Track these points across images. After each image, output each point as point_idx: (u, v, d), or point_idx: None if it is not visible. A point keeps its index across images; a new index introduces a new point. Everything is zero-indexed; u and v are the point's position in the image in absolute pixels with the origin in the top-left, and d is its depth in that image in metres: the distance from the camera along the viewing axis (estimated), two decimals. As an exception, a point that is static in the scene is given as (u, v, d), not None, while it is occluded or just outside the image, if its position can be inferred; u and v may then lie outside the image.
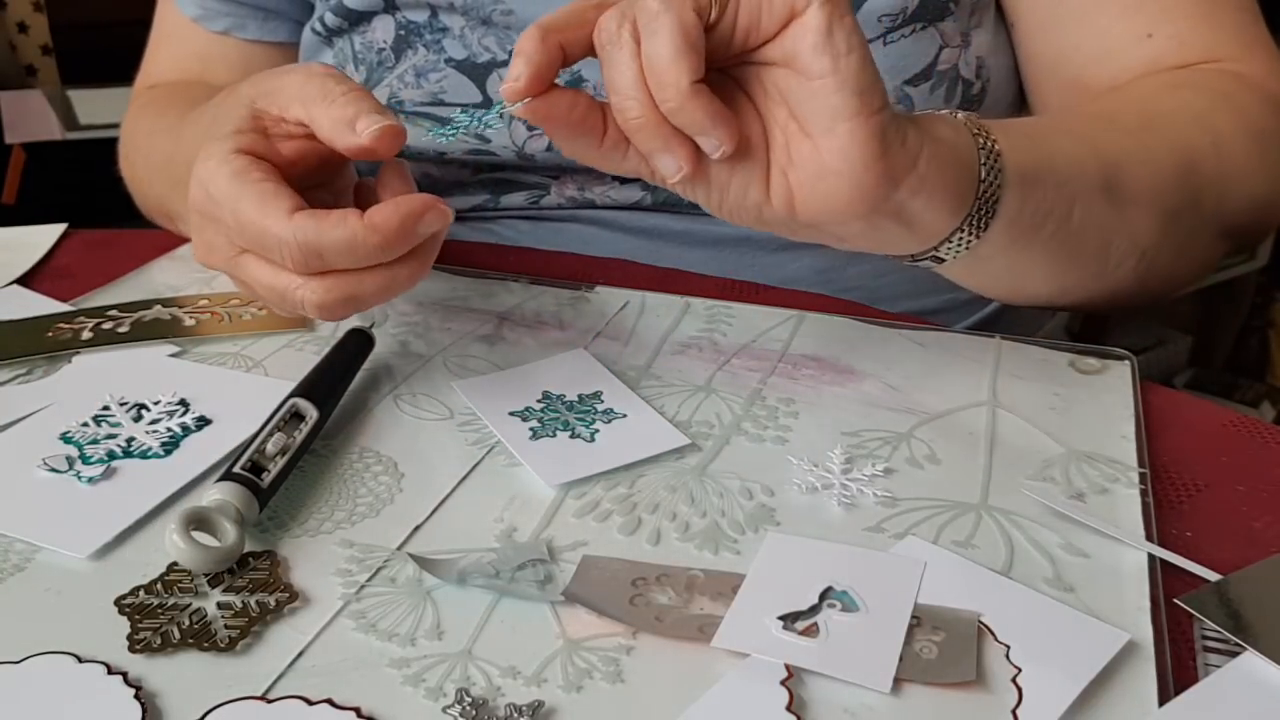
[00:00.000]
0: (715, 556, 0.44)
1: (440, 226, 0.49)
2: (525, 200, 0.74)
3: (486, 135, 0.70)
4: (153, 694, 0.37)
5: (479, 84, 0.70)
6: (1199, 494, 0.48)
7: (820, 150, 0.44)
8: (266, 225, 0.47)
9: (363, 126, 0.49)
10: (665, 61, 0.42)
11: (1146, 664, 0.38)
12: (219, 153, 0.50)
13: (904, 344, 0.60)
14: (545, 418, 0.52)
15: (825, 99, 0.43)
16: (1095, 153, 0.56)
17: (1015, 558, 0.44)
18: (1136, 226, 0.58)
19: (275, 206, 0.47)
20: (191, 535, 0.41)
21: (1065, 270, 0.58)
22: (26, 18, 2.03)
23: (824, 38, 0.43)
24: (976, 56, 0.68)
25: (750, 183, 0.46)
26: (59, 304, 0.64)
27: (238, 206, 0.48)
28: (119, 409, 0.52)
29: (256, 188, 0.48)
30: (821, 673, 0.38)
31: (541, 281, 0.67)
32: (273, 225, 0.47)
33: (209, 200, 0.49)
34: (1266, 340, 1.99)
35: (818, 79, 0.43)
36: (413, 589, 0.42)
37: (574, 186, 0.73)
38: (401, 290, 0.50)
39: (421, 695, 0.37)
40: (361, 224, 0.47)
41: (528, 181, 0.74)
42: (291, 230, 0.47)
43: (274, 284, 0.49)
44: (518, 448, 0.50)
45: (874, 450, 0.51)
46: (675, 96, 0.43)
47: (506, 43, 0.69)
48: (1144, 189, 0.57)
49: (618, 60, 0.44)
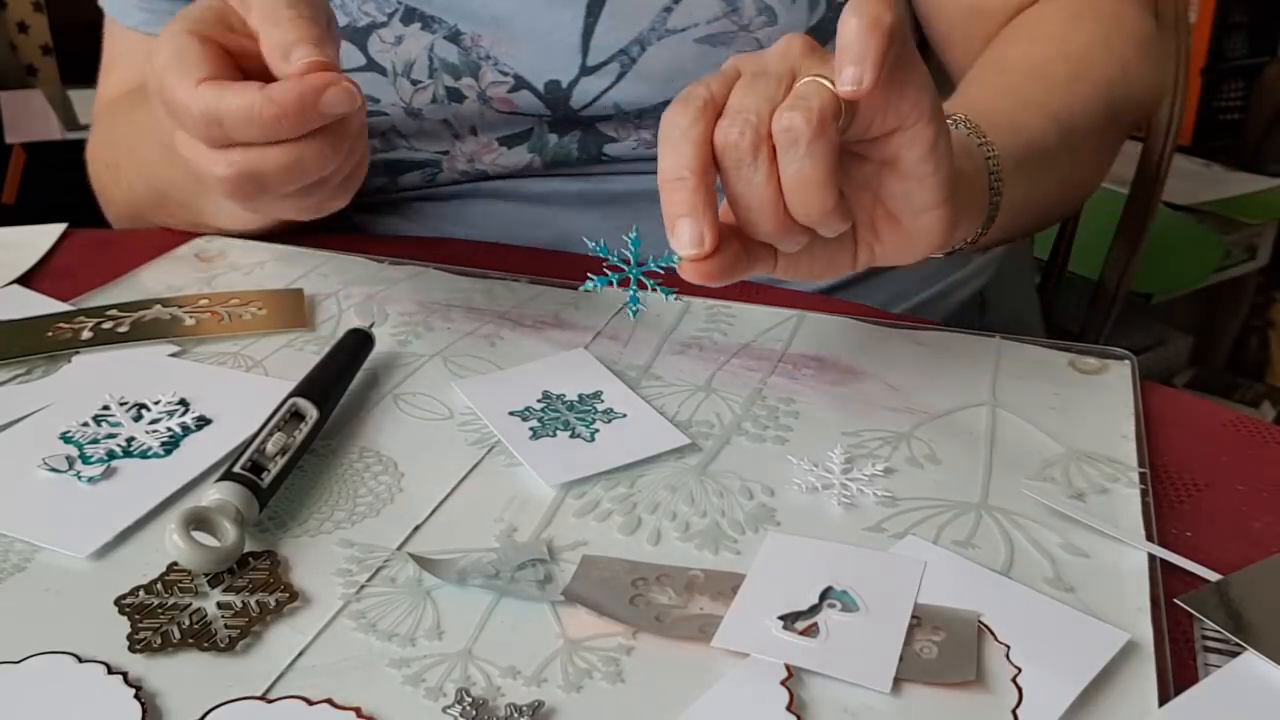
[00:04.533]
0: (715, 556, 0.44)
1: (345, 108, 0.49)
2: (421, 179, 0.75)
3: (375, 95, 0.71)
4: (153, 694, 0.37)
5: (360, 47, 0.71)
6: (1199, 494, 0.48)
7: (906, 229, 0.48)
8: (176, 93, 0.48)
9: (296, 56, 0.49)
10: (815, 186, 0.43)
11: (1146, 664, 0.38)
12: (171, 30, 0.51)
13: (904, 344, 0.60)
14: (545, 417, 0.52)
15: (920, 195, 0.47)
16: (1052, 118, 0.62)
17: (1015, 558, 0.44)
18: (1085, 163, 0.68)
19: (186, 75, 0.48)
20: (191, 535, 0.41)
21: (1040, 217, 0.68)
22: (26, 18, 2.03)
23: (931, 149, 0.45)
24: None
25: (839, 257, 0.50)
26: (59, 304, 0.64)
27: (164, 77, 0.49)
28: (119, 409, 0.52)
29: (184, 59, 0.49)
30: (821, 673, 0.38)
31: (541, 281, 0.67)
32: (180, 92, 0.48)
33: (151, 74, 0.50)
34: (1266, 340, 1.99)
35: (917, 181, 0.46)
36: (413, 589, 0.42)
37: (464, 159, 0.74)
38: (310, 173, 0.50)
39: (421, 695, 0.37)
40: (260, 95, 0.47)
41: (419, 159, 0.75)
42: (194, 97, 0.48)
43: (190, 157, 0.50)
44: (518, 447, 0.50)
45: (874, 450, 0.51)
46: (819, 213, 0.44)
47: (385, 6, 0.70)
48: (1090, 133, 0.66)
49: (751, 180, 0.44)
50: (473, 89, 0.70)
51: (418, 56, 0.70)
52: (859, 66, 0.42)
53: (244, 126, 0.48)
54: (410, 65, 0.70)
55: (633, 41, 0.68)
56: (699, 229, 0.43)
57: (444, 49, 0.69)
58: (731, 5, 0.68)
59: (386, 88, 0.71)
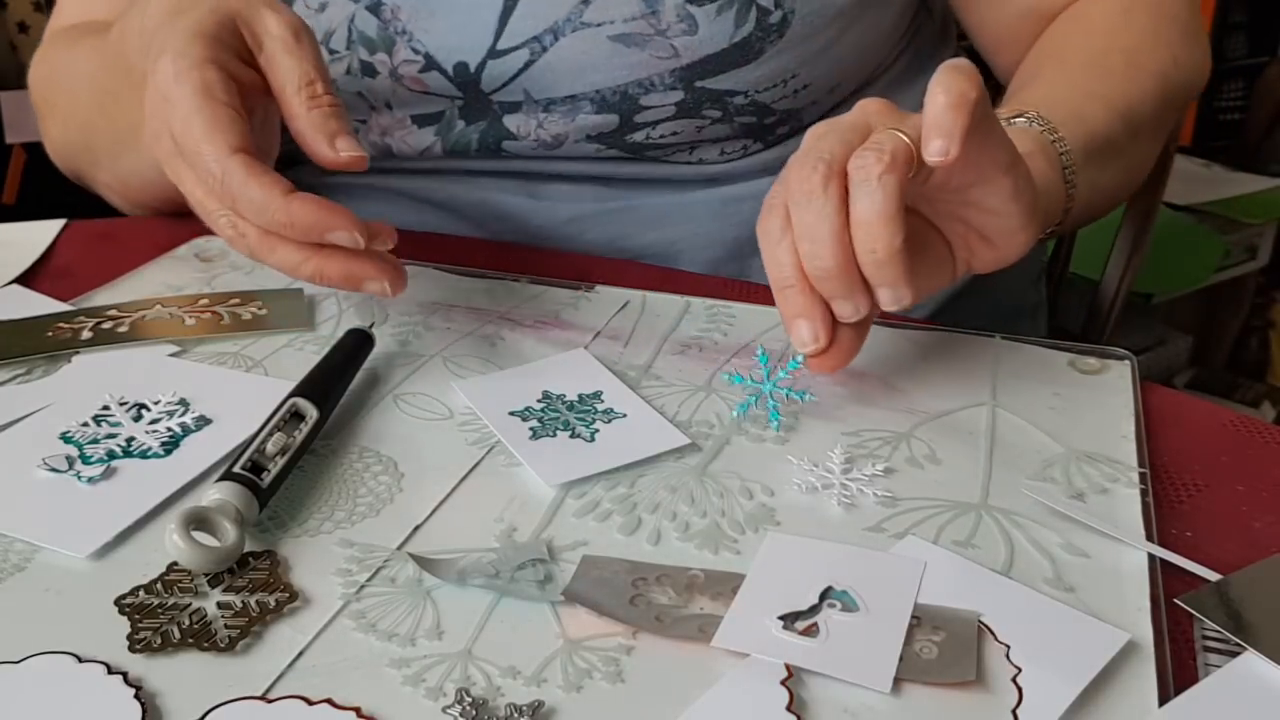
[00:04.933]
0: (715, 556, 0.44)
1: (344, 244, 0.51)
2: None
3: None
4: (153, 694, 0.37)
5: None
6: (1199, 494, 0.48)
7: (1000, 249, 0.52)
8: (203, 148, 0.50)
9: (343, 147, 0.52)
10: (884, 220, 0.45)
11: (1146, 664, 0.38)
12: (191, 55, 0.51)
13: (904, 344, 0.60)
14: (545, 417, 0.52)
15: (1007, 222, 0.51)
16: (1114, 109, 0.65)
17: (1015, 558, 0.44)
18: (1143, 149, 0.71)
19: (218, 132, 0.49)
20: (191, 535, 0.41)
21: (1107, 202, 0.70)
22: (26, 18, 2.03)
23: (1012, 196, 0.50)
24: None
25: (938, 278, 0.53)
26: (59, 303, 0.64)
27: (191, 121, 0.50)
28: (119, 409, 0.52)
29: (215, 110, 0.50)
30: (821, 673, 0.38)
31: (541, 281, 0.67)
32: (208, 152, 0.50)
33: (165, 101, 0.51)
34: (1267, 340, 1.99)
35: (1004, 218, 0.51)
36: (413, 589, 0.42)
37: (378, 131, 0.73)
38: (299, 277, 0.53)
39: (421, 695, 0.37)
40: (281, 200, 0.49)
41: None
42: (223, 164, 0.49)
43: (196, 196, 0.52)
44: (517, 447, 0.50)
45: (874, 450, 0.51)
46: (885, 251, 0.46)
47: None
48: (1147, 121, 0.68)
49: (822, 209, 0.46)
50: (385, 64, 0.69)
51: (338, 26, 0.69)
52: (946, 140, 0.44)
53: (252, 214, 0.50)
54: (330, 35, 0.70)
55: (546, 30, 0.67)
56: (813, 328, 0.48)
57: (364, 20, 0.69)
58: (651, 7, 0.66)
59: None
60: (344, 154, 0.52)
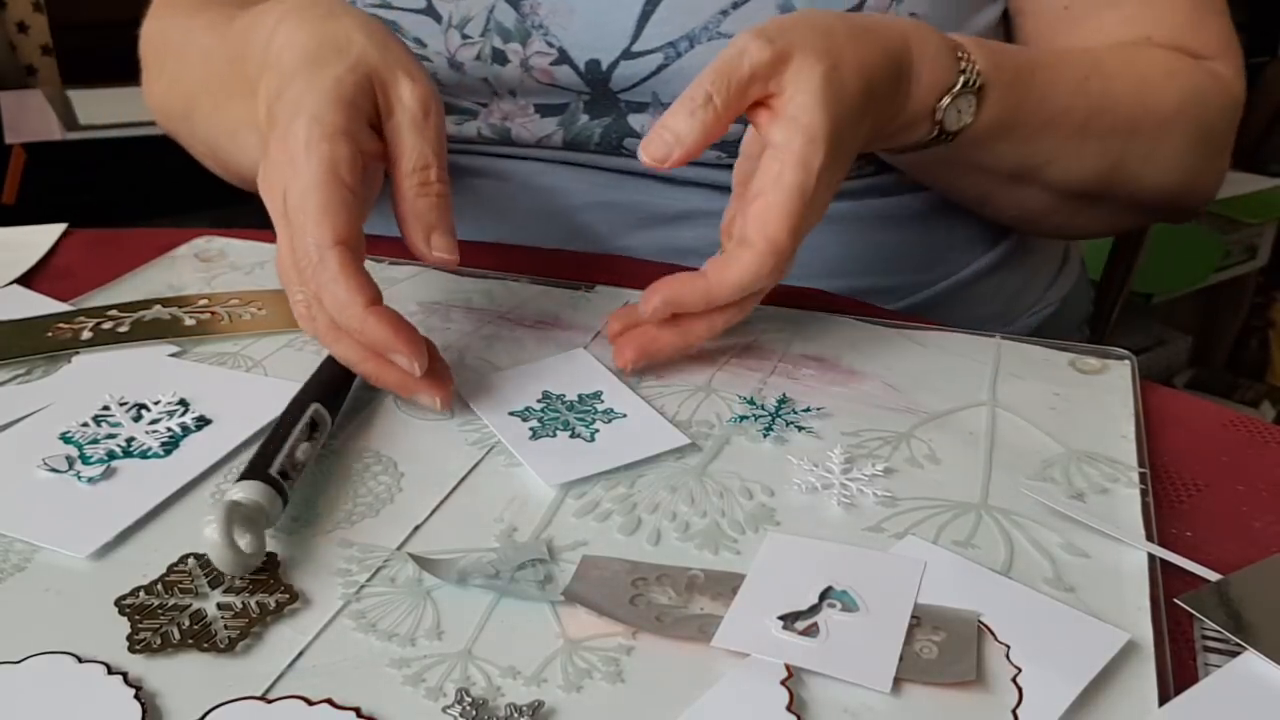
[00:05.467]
0: (715, 556, 0.44)
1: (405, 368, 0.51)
2: (452, 124, 0.75)
3: (423, 39, 0.72)
4: (153, 694, 0.37)
5: None
6: (1199, 494, 0.48)
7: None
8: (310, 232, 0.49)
9: (437, 246, 0.52)
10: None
11: (1146, 664, 0.38)
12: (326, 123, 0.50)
13: (904, 344, 0.60)
14: (545, 417, 0.52)
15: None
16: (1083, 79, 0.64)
17: (1015, 558, 0.44)
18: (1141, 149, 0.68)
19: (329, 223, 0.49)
20: (232, 536, 0.41)
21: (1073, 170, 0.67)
22: (26, 18, 2.03)
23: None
24: (910, 13, 0.68)
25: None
26: (59, 304, 0.64)
27: (308, 197, 0.49)
28: (119, 409, 0.52)
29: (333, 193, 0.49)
30: (821, 673, 0.38)
31: (541, 281, 0.67)
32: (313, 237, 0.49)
33: (290, 163, 0.50)
34: (1266, 340, 1.99)
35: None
36: (413, 589, 0.42)
37: (499, 115, 0.74)
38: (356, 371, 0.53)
39: (421, 695, 0.37)
40: (362, 309, 0.49)
41: (458, 105, 0.75)
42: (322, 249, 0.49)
43: (284, 262, 0.51)
44: (517, 447, 0.50)
45: (874, 450, 0.51)
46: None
47: None
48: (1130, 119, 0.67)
49: None
50: (517, 54, 0.71)
51: (477, 14, 0.70)
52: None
53: (331, 308, 0.50)
54: (466, 20, 0.71)
55: (683, 36, 0.68)
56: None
57: (503, 12, 0.70)
58: None
59: (435, 34, 0.71)
60: (436, 253, 0.52)
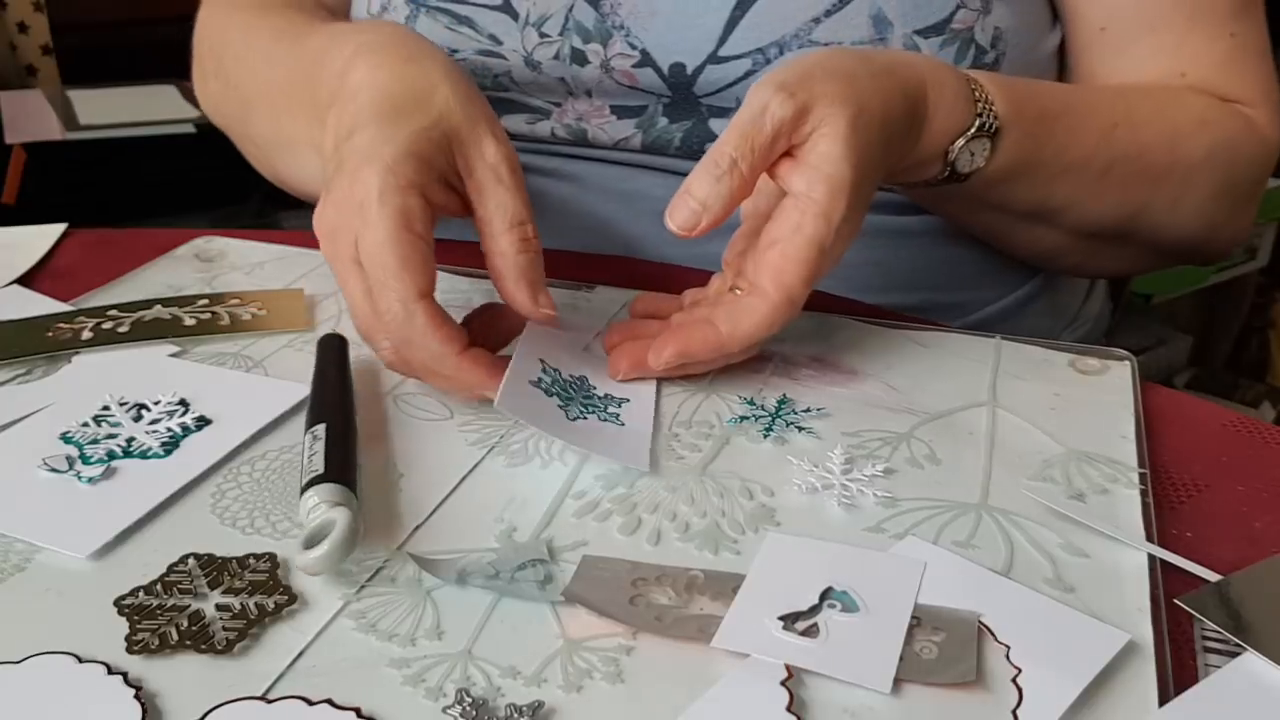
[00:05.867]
0: (715, 556, 0.44)
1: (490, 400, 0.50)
2: (524, 122, 0.74)
3: (498, 36, 0.71)
4: (153, 694, 0.37)
5: None
6: (1199, 494, 0.48)
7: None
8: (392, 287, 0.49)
9: (544, 303, 0.52)
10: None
11: (1146, 664, 0.38)
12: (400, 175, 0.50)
13: (904, 344, 0.60)
14: (559, 392, 0.52)
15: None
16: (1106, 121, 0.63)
17: (1015, 558, 0.44)
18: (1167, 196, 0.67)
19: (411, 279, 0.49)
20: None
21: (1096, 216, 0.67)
22: (26, 18, 2.03)
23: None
24: (995, 26, 0.68)
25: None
26: (59, 304, 0.64)
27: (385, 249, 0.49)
28: (119, 409, 0.52)
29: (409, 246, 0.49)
30: (821, 673, 0.38)
31: (541, 281, 0.66)
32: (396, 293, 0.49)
33: (360, 211, 0.49)
34: (1267, 340, 1.99)
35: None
36: (413, 589, 0.42)
37: (574, 115, 0.73)
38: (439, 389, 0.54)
39: (421, 695, 0.37)
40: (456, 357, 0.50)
41: (530, 104, 0.74)
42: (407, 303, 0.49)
43: (359, 310, 0.51)
44: (562, 433, 0.49)
45: (874, 450, 0.51)
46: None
47: None
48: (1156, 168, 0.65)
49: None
50: (598, 55, 0.69)
51: (555, 12, 0.69)
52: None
53: (426, 359, 0.50)
54: (545, 19, 0.70)
55: (773, 43, 0.67)
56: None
57: (582, 11, 0.69)
58: (880, 33, 0.66)
59: (512, 32, 0.70)
60: (543, 310, 0.52)
